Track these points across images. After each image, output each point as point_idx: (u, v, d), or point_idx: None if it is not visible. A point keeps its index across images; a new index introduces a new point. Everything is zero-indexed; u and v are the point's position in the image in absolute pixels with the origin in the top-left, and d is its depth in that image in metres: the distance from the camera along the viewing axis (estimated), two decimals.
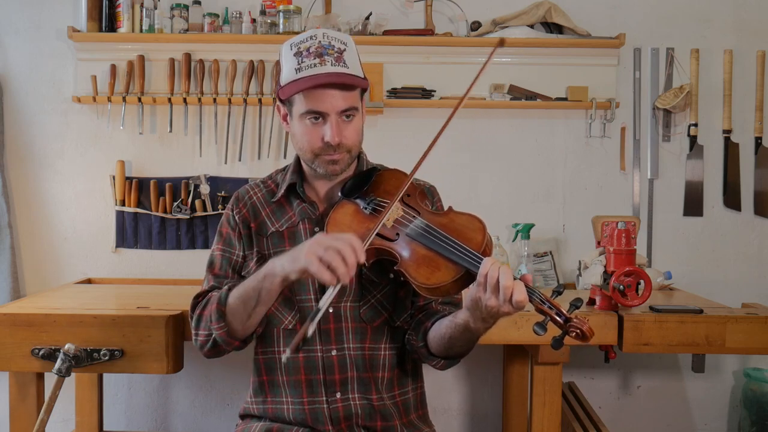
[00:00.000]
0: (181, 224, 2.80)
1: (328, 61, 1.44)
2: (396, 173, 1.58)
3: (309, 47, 1.45)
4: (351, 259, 1.27)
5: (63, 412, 2.79)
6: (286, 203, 1.59)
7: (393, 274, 1.52)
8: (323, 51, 1.45)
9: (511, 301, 1.25)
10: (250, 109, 2.80)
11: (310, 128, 1.47)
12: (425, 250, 1.40)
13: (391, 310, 1.54)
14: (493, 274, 1.26)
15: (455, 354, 1.49)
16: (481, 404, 2.91)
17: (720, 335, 2.01)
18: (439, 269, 1.37)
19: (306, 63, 1.44)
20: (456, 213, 1.47)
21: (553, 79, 2.79)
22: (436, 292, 1.37)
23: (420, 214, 1.47)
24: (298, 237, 1.55)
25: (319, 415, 1.50)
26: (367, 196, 1.52)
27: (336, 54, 1.45)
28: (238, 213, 1.60)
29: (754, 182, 2.84)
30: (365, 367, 1.52)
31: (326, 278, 1.27)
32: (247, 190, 1.64)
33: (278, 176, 1.65)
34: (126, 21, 2.73)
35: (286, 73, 1.47)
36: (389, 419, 1.53)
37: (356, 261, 1.27)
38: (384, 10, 2.80)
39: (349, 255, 1.27)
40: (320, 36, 1.46)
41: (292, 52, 1.46)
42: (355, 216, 1.49)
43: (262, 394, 1.57)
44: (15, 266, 2.76)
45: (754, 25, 2.83)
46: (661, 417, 2.90)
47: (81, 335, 1.93)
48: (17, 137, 2.83)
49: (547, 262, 2.74)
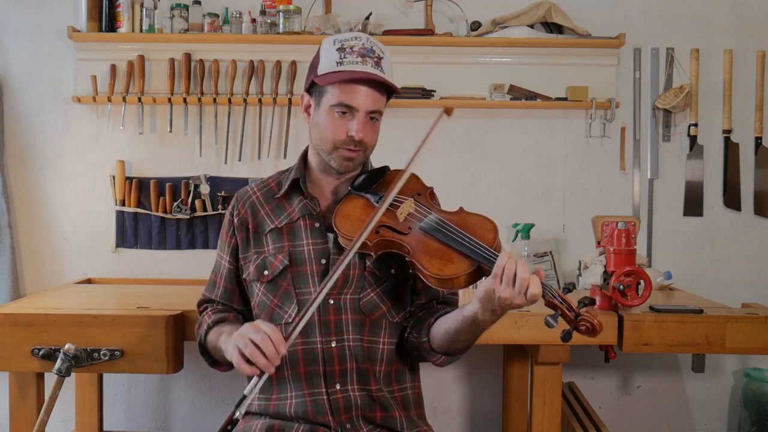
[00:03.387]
0: (181, 224, 2.80)
1: (369, 63, 1.51)
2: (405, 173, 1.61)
3: (353, 46, 1.52)
4: (271, 352, 1.33)
5: (63, 412, 2.79)
6: (286, 200, 1.62)
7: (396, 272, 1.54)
8: (366, 52, 1.51)
9: (526, 293, 1.29)
10: (250, 109, 2.80)
11: (336, 120, 1.51)
12: (438, 244, 1.43)
13: (390, 304, 1.57)
14: (510, 267, 1.30)
15: (457, 349, 1.51)
16: (481, 404, 2.91)
17: (720, 335, 2.01)
18: (453, 262, 1.39)
19: (349, 59, 1.50)
20: (467, 213, 1.52)
21: (553, 79, 2.79)
22: (447, 284, 1.40)
23: (432, 210, 1.50)
24: (297, 233, 1.57)
25: (319, 406, 1.52)
26: (378, 192, 1.55)
27: (376, 59, 1.52)
28: (237, 215, 1.64)
29: (754, 182, 2.84)
30: (364, 358, 1.53)
31: (247, 372, 1.35)
32: (246, 190, 1.68)
33: (281, 176, 1.68)
34: (126, 21, 2.74)
35: (326, 64, 1.51)
36: (389, 410, 1.54)
37: (276, 353, 1.33)
38: (384, 10, 2.80)
39: (268, 349, 1.33)
40: (364, 39, 1.54)
41: (335, 47, 1.52)
42: (365, 209, 1.52)
43: (269, 390, 1.58)
44: (15, 266, 2.76)
45: (754, 25, 2.83)
46: (661, 417, 2.90)
47: (81, 335, 1.93)
48: (17, 137, 2.83)
49: (547, 262, 2.74)
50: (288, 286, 1.55)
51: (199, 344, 1.63)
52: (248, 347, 1.33)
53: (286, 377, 1.55)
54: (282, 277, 1.55)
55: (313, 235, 1.57)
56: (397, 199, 1.53)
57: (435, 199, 1.63)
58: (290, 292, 1.54)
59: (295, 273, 1.55)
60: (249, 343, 1.34)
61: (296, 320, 1.41)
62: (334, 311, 1.53)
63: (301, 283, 1.55)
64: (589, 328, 1.31)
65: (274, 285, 1.56)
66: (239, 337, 1.37)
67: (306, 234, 1.57)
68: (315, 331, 1.52)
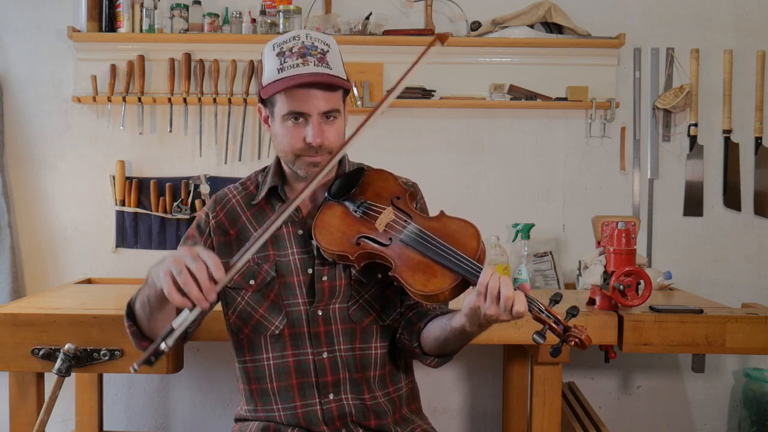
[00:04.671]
0: (181, 224, 2.80)
1: (311, 62, 1.42)
2: (382, 174, 1.57)
3: (292, 47, 1.43)
4: (206, 284, 1.18)
5: (63, 412, 2.79)
6: (266, 206, 1.56)
7: (382, 276, 1.51)
8: (306, 51, 1.43)
9: (512, 311, 1.26)
10: (250, 109, 2.80)
11: (291, 129, 1.44)
12: (420, 257, 1.39)
13: (380, 309, 1.54)
14: (494, 285, 1.26)
15: (449, 352, 1.50)
16: (481, 404, 2.91)
17: (720, 335, 2.01)
18: (436, 276, 1.36)
19: (288, 63, 1.42)
20: (448, 218, 1.45)
21: (553, 79, 2.79)
22: (432, 299, 1.37)
23: (412, 218, 1.45)
24: (281, 241, 1.53)
25: (312, 417, 1.50)
26: (357, 198, 1.50)
27: (319, 55, 1.43)
28: (214, 217, 1.56)
29: (754, 182, 2.84)
30: (357, 367, 1.51)
31: (178, 302, 1.19)
32: (225, 192, 1.60)
33: (258, 177, 1.61)
34: (126, 21, 2.73)
35: (268, 73, 1.45)
36: (383, 417, 1.53)
37: (212, 286, 1.19)
38: (384, 10, 2.79)
39: (203, 279, 1.18)
40: (303, 36, 1.45)
41: (274, 53, 1.44)
42: (344, 218, 1.48)
43: (253, 402, 1.56)
44: (15, 266, 2.76)
45: (754, 25, 2.83)
46: (661, 417, 2.90)
47: (81, 335, 1.93)
48: (17, 137, 2.83)
49: (547, 262, 2.74)
50: (276, 297, 1.51)
51: (128, 305, 1.42)
52: (182, 275, 1.17)
53: (275, 389, 1.52)
54: (269, 287, 1.51)
55: (297, 244, 1.52)
56: (376, 208, 1.48)
57: (417, 196, 1.58)
58: (278, 304, 1.51)
59: (282, 284, 1.51)
60: (184, 269, 1.18)
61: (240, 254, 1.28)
62: (324, 322, 1.50)
63: (289, 295, 1.51)
64: (578, 343, 1.28)
65: (261, 295, 1.51)
66: (174, 262, 1.19)
67: (290, 243, 1.52)
68: (305, 342, 1.50)
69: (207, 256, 1.20)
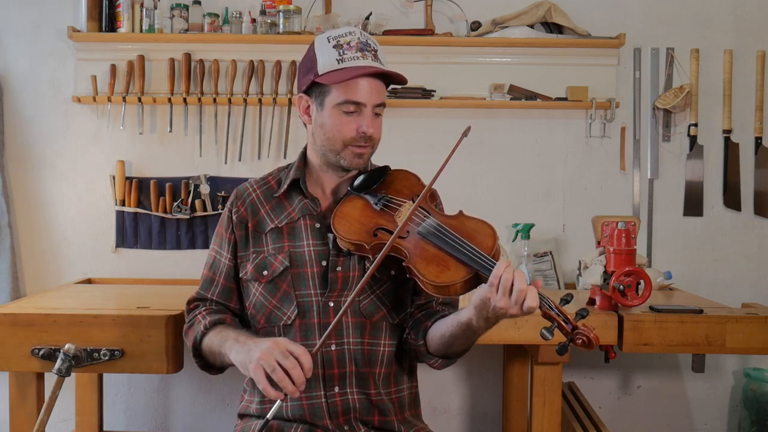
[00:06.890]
0: (181, 224, 2.80)
1: (369, 56, 1.50)
2: (405, 173, 1.61)
3: (350, 41, 1.50)
4: (299, 379, 1.29)
5: (63, 412, 2.79)
6: (286, 200, 1.60)
7: (396, 273, 1.53)
8: (363, 46, 1.50)
9: (522, 305, 1.26)
10: (250, 109, 2.80)
11: (344, 118, 1.50)
12: (435, 249, 1.41)
13: (390, 306, 1.56)
14: (507, 277, 1.27)
15: (453, 353, 1.50)
16: (481, 404, 2.91)
17: (720, 335, 2.01)
18: (449, 268, 1.37)
19: (348, 55, 1.48)
20: (466, 217, 1.49)
21: (553, 79, 2.79)
22: (443, 291, 1.38)
23: (431, 214, 1.48)
24: (298, 233, 1.56)
25: (317, 410, 1.51)
26: (378, 193, 1.54)
27: (373, 52, 1.51)
28: (236, 212, 1.61)
29: (754, 182, 2.84)
30: (364, 362, 1.53)
31: (272, 396, 1.31)
32: (246, 187, 1.65)
33: (281, 174, 1.66)
34: (126, 21, 2.73)
35: (325, 63, 1.49)
36: (387, 414, 1.54)
37: (304, 380, 1.30)
38: (384, 10, 2.79)
39: (297, 375, 1.29)
40: (358, 33, 1.52)
41: (330, 44, 1.50)
42: (364, 210, 1.51)
43: (259, 394, 1.57)
44: (15, 266, 2.76)
45: (754, 25, 2.83)
46: (661, 417, 2.90)
47: (81, 335, 1.92)
48: (17, 137, 2.83)
49: (547, 262, 2.74)
50: (288, 287, 1.53)
51: (193, 346, 1.56)
52: (276, 372, 1.29)
53: None
54: (282, 278, 1.54)
55: (314, 236, 1.55)
56: (396, 201, 1.52)
57: (436, 200, 1.62)
58: (290, 294, 1.53)
59: (295, 274, 1.53)
60: (277, 367, 1.29)
61: (320, 340, 1.39)
62: (334, 314, 1.51)
63: (301, 285, 1.53)
64: (585, 342, 1.29)
65: (274, 286, 1.54)
66: (265, 356, 1.31)
67: (306, 235, 1.55)
68: (314, 334, 1.51)
69: (296, 349, 1.31)
